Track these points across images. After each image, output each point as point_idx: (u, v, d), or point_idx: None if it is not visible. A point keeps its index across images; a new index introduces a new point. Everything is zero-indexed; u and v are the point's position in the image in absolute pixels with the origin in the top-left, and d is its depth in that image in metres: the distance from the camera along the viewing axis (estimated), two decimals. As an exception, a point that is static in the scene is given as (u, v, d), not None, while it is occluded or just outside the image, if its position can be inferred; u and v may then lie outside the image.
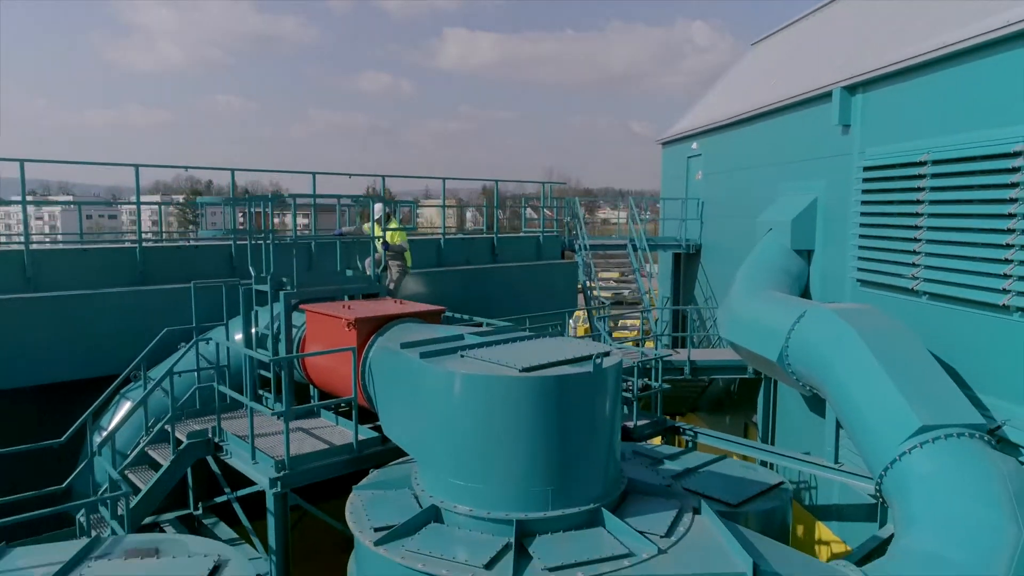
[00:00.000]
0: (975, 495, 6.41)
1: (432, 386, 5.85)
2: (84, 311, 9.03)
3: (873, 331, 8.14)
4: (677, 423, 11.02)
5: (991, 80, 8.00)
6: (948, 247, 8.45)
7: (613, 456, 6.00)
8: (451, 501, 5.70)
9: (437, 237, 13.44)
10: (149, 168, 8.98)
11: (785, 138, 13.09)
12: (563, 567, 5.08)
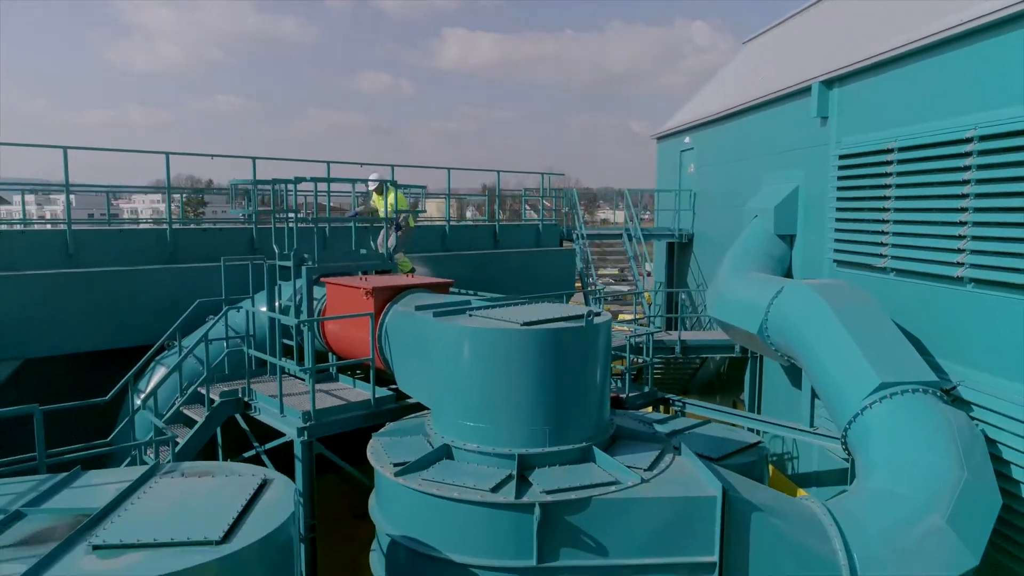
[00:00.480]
0: (926, 442, 7.23)
1: (445, 341, 6.66)
2: (119, 286, 9.84)
3: (841, 302, 8.96)
4: (667, 395, 11.82)
5: (947, 74, 8.80)
6: (911, 226, 9.26)
7: (603, 402, 6.81)
8: (461, 440, 6.51)
9: (442, 224, 14.25)
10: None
11: (769, 131, 13.89)
12: (558, 490, 5.89)
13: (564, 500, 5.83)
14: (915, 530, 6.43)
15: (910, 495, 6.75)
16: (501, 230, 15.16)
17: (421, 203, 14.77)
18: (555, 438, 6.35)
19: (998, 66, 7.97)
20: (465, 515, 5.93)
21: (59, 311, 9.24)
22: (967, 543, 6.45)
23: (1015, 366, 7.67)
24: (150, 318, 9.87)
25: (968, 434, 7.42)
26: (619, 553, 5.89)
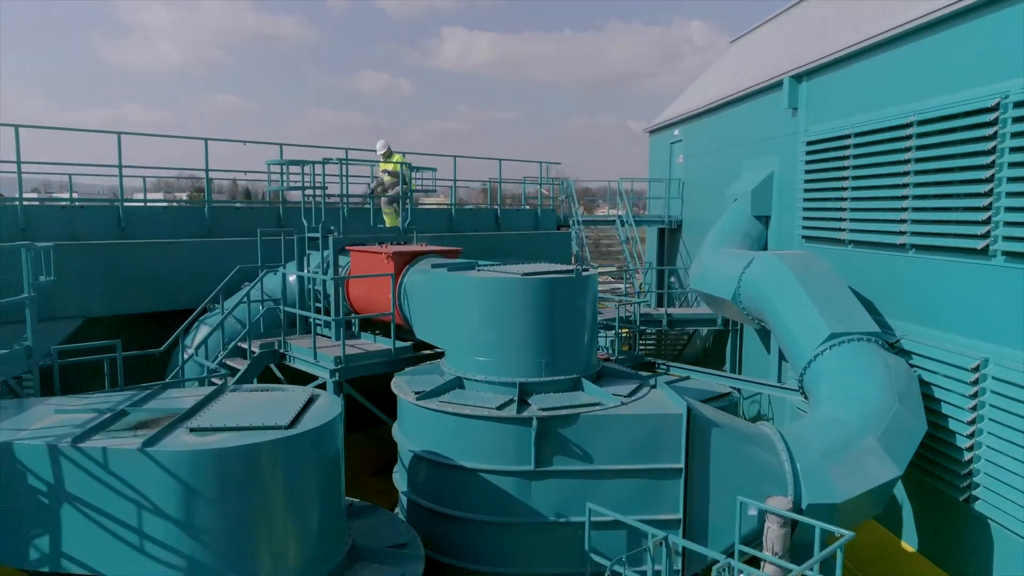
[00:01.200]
0: (867, 380, 8.49)
1: (458, 290, 7.92)
2: (164, 256, 11.08)
3: (800, 268, 10.21)
4: (652, 359, 13.09)
5: (893, 68, 10.04)
6: (864, 203, 10.50)
7: (592, 341, 8.08)
8: (471, 372, 7.77)
9: (448, 207, 15.50)
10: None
11: (748, 122, 15.14)
12: (551, 408, 7.15)
13: (556, 415, 7.09)
14: (851, 447, 7.69)
15: (850, 420, 8.02)
16: (502, 214, 16.41)
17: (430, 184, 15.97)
18: (550, 369, 7.61)
19: (933, 61, 9.21)
20: (475, 429, 7.20)
21: (113, 277, 10.48)
22: (893, 458, 7.73)
23: (948, 319, 8.90)
24: (190, 284, 11.10)
25: (904, 375, 8.68)
26: (602, 460, 7.15)
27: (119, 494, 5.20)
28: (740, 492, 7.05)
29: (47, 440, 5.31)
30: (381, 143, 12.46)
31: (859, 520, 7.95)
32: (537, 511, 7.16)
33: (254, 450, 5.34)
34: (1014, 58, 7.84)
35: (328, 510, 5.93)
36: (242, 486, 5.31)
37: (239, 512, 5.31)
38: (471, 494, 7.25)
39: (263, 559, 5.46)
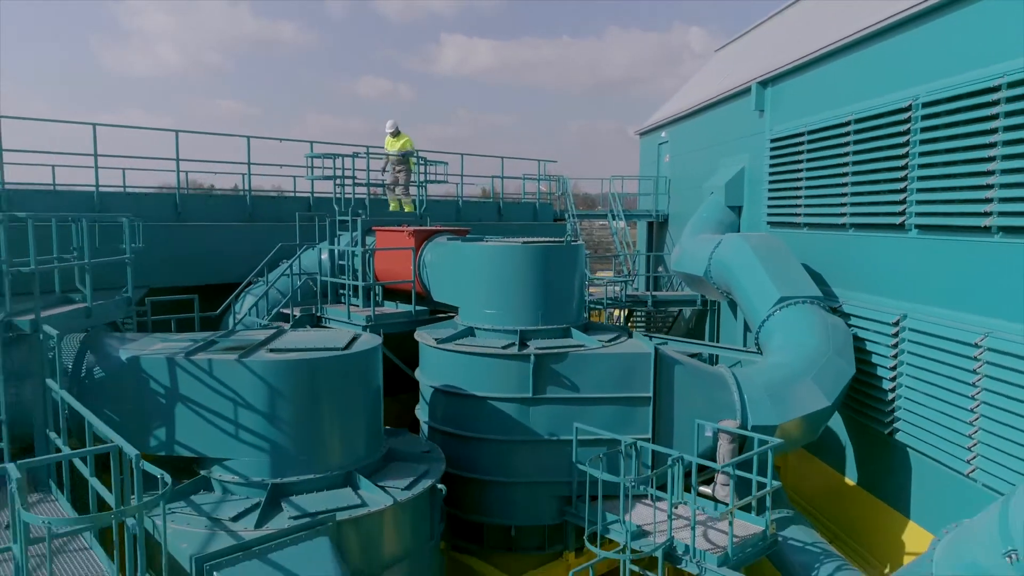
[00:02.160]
0: (807, 333, 10.25)
1: (470, 257, 9.68)
2: (213, 237, 12.85)
3: (758, 245, 11.99)
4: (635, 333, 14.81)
5: (836, 74, 11.83)
6: (815, 191, 12.27)
7: (580, 299, 9.84)
8: (480, 323, 9.53)
9: (456, 199, 17.29)
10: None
11: (724, 123, 16.92)
12: (546, 348, 8.90)
13: (550, 353, 8.85)
14: (790, 384, 9.45)
15: (791, 364, 9.78)
16: (504, 207, 18.19)
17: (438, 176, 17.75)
18: (545, 319, 9.37)
19: (869, 68, 10.99)
20: (484, 365, 8.95)
21: (172, 254, 12.23)
22: (825, 393, 9.49)
23: (876, 284, 10.65)
24: (234, 262, 12.85)
25: (840, 330, 10.45)
26: (586, 390, 8.90)
27: (219, 394, 6.94)
28: (698, 416, 8.82)
29: (165, 355, 7.07)
30: (390, 122, 14.06)
31: (799, 442, 9.74)
32: (534, 431, 8.90)
33: (323, 362, 7.10)
34: (919, 70, 9.63)
35: (371, 415, 7.68)
36: (312, 389, 7.06)
37: (308, 409, 7.05)
38: (480, 418, 9.00)
39: (325, 447, 7.20)
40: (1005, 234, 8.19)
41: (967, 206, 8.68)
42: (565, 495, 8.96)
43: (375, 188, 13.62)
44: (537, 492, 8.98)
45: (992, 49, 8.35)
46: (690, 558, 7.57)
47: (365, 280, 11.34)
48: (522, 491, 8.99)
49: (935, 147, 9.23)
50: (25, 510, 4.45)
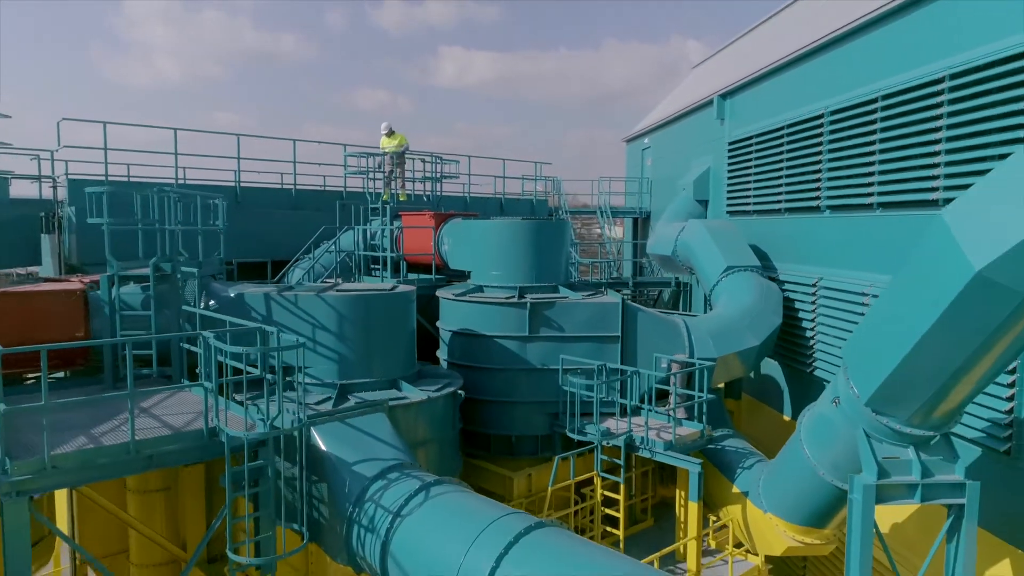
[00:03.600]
0: (746, 292, 12.98)
1: (482, 231, 12.42)
2: (268, 222, 15.57)
3: (713, 227, 14.74)
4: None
5: (775, 90, 14.60)
6: (760, 184, 15.02)
7: (566, 263, 12.57)
8: (487, 282, 12.24)
9: (464, 195, 20.04)
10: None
11: (695, 130, 19.71)
12: (539, 298, 11.62)
13: (542, 302, 11.56)
14: (728, 329, 12.16)
15: (731, 315, 12.50)
16: (505, 202, 20.94)
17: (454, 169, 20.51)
18: (538, 278, 12.09)
19: (794, 84, 13.76)
20: (492, 312, 11.65)
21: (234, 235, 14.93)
22: (755, 336, 12.20)
23: (802, 255, 13.36)
24: (282, 242, 15.59)
25: (773, 291, 13.17)
26: (570, 330, 11.60)
27: (303, 320, 9.64)
28: (655, 351, 11.52)
29: (262, 292, 9.78)
30: (385, 124, 16.71)
31: (737, 373, 12.47)
32: (530, 362, 11.60)
33: (375, 298, 9.83)
34: (827, 87, 12.40)
35: (408, 340, 10.39)
36: (367, 317, 9.76)
37: (365, 331, 9.74)
38: (488, 353, 11.69)
39: (377, 359, 9.88)
40: (883, 209, 10.93)
41: (859, 190, 11.43)
42: (554, 412, 11.64)
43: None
44: (532, 409, 11.67)
45: (872, 71, 11.11)
46: (644, 446, 10.27)
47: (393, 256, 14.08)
48: (520, 409, 11.68)
49: (840, 145, 11.98)
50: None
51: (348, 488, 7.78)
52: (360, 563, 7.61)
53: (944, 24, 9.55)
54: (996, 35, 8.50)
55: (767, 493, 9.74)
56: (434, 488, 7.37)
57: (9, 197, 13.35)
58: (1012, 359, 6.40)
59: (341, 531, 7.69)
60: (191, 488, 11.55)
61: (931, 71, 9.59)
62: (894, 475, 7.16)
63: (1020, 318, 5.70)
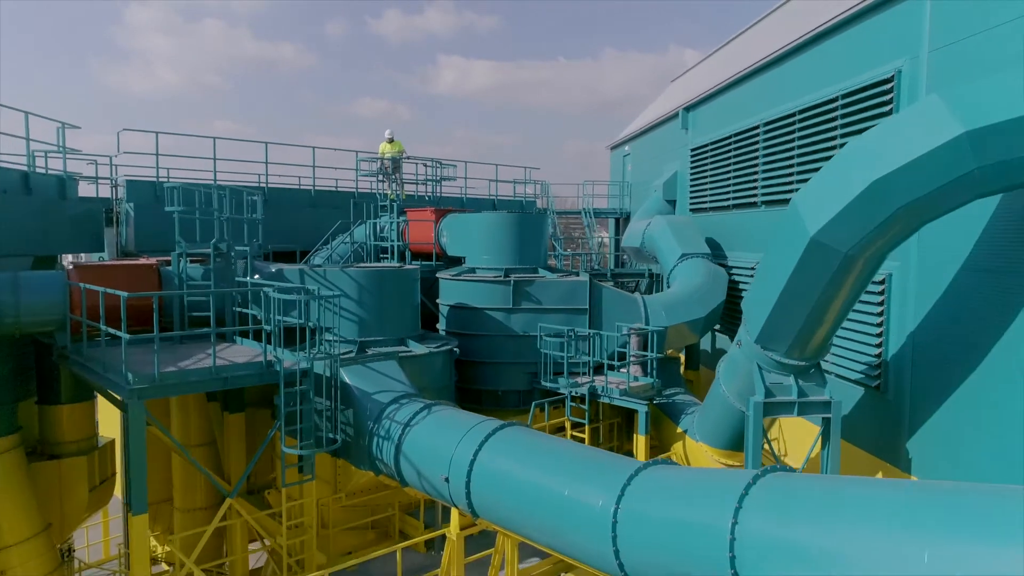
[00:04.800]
0: (696, 274, 15.45)
1: (475, 222, 14.90)
2: (292, 217, 18.05)
3: (672, 221, 17.24)
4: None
5: (725, 106, 17.10)
6: (714, 186, 17.51)
7: (544, 250, 15.05)
8: (479, 264, 14.71)
9: (461, 196, 22.54)
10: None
11: (665, 139, 22.23)
12: (521, 277, 14.09)
13: (523, 280, 14.03)
14: (678, 303, 14.63)
15: (681, 292, 14.98)
16: (499, 202, 23.44)
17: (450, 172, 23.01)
18: (520, 261, 14.56)
19: (737, 100, 16.26)
20: (482, 287, 14.11)
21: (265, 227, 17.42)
22: (700, 308, 14.66)
23: (745, 244, 15.83)
24: (303, 234, 18.06)
25: (720, 274, 15.65)
26: (547, 303, 14.06)
27: (329, 289, 12.09)
28: (617, 321, 13.97)
29: (297, 268, 12.24)
30: (388, 131, 19.22)
31: (687, 340, 14.93)
32: (513, 330, 14.05)
33: (388, 272, 12.30)
34: (761, 104, 14.90)
35: (414, 307, 12.84)
36: (382, 288, 12.21)
37: (379, 299, 12.19)
38: (479, 322, 14.13)
39: (389, 321, 12.32)
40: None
41: (784, 187, 13.90)
42: (533, 371, 14.06)
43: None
44: (515, 369, 14.11)
45: (792, 91, 13.60)
46: (604, 394, 12.72)
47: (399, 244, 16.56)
48: (506, 368, 14.13)
49: (771, 151, 14.47)
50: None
51: (369, 410, 10.23)
52: (379, 466, 10.05)
53: (837, 55, 12.06)
54: (869, 66, 10.99)
55: (699, 427, 12.18)
56: (434, 407, 9.83)
57: (77, 195, 15.81)
58: (852, 303, 8.85)
59: (365, 443, 10.14)
60: (235, 435, 14.01)
61: (828, 92, 12.08)
62: (778, 395, 9.60)
63: (845, 271, 8.16)
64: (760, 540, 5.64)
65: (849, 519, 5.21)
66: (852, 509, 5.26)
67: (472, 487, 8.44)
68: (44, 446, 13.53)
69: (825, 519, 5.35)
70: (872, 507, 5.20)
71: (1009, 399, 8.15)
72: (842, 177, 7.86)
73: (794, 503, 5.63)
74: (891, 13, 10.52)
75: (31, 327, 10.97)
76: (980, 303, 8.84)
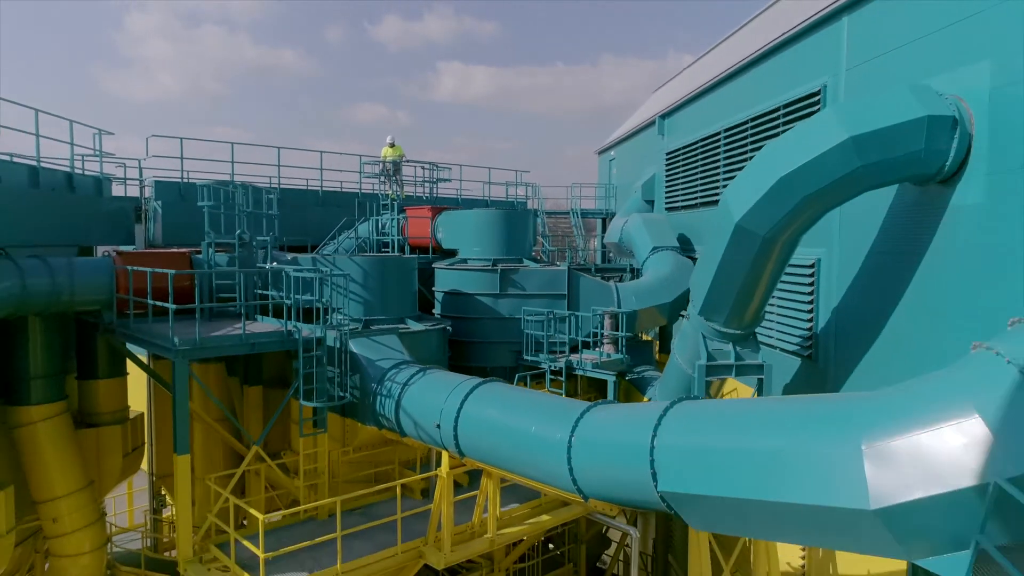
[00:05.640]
0: (665, 265, 17.26)
1: (467, 218, 16.71)
2: (302, 216, 19.86)
3: (646, 218, 19.05)
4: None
5: (693, 115, 18.92)
6: (685, 186, 19.32)
7: (529, 243, 16.85)
8: (471, 255, 16.52)
9: (457, 196, 24.36)
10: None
11: (644, 144, 24.06)
12: (508, 266, 15.89)
13: (509, 268, 15.83)
14: (648, 290, 16.42)
15: (651, 281, 16.78)
16: (491, 202, 25.24)
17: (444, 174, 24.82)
18: (507, 253, 16.36)
19: (703, 109, 18.07)
20: (473, 275, 15.91)
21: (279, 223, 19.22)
22: (668, 295, 16.46)
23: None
24: (313, 229, 19.87)
25: (687, 265, 17.44)
26: (530, 290, 15.85)
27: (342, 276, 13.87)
28: (593, 305, 15.75)
29: (311, 256, 14.03)
30: (390, 137, 21.05)
31: (656, 323, 16.70)
32: (500, 313, 15.83)
33: (389, 259, 14.09)
34: (722, 114, 16.72)
35: (412, 291, 14.63)
36: (384, 273, 13.99)
37: (382, 283, 13.97)
38: (470, 306, 15.92)
39: (390, 303, 14.11)
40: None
41: (739, 187, 15.67)
42: (518, 349, 15.83)
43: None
44: (502, 347, 15.89)
45: (747, 102, 15.41)
46: (579, 367, 14.49)
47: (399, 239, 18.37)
48: (493, 347, 15.90)
49: (731, 154, 16.27)
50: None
51: (373, 374, 12.02)
52: (382, 421, 11.82)
53: (779, 72, 13.89)
54: (802, 81, 12.80)
55: (660, 393, 13.94)
56: (428, 370, 11.62)
57: (111, 194, 17.61)
58: (775, 280, 10.62)
59: (370, 402, 11.92)
60: (253, 405, 15.79)
61: (773, 103, 13.88)
62: (719, 360, 11.37)
63: (766, 252, 9.93)
64: (672, 449, 7.42)
65: (736, 426, 7.00)
66: (738, 418, 7.05)
67: (459, 431, 10.22)
68: (83, 416, 15.33)
69: (719, 428, 7.13)
70: (752, 416, 6.99)
71: (914, 361, 9.92)
72: (759, 174, 9.65)
73: (697, 420, 7.43)
74: (817, 37, 12.34)
75: (83, 305, 12.76)
76: (886, 280, 10.61)
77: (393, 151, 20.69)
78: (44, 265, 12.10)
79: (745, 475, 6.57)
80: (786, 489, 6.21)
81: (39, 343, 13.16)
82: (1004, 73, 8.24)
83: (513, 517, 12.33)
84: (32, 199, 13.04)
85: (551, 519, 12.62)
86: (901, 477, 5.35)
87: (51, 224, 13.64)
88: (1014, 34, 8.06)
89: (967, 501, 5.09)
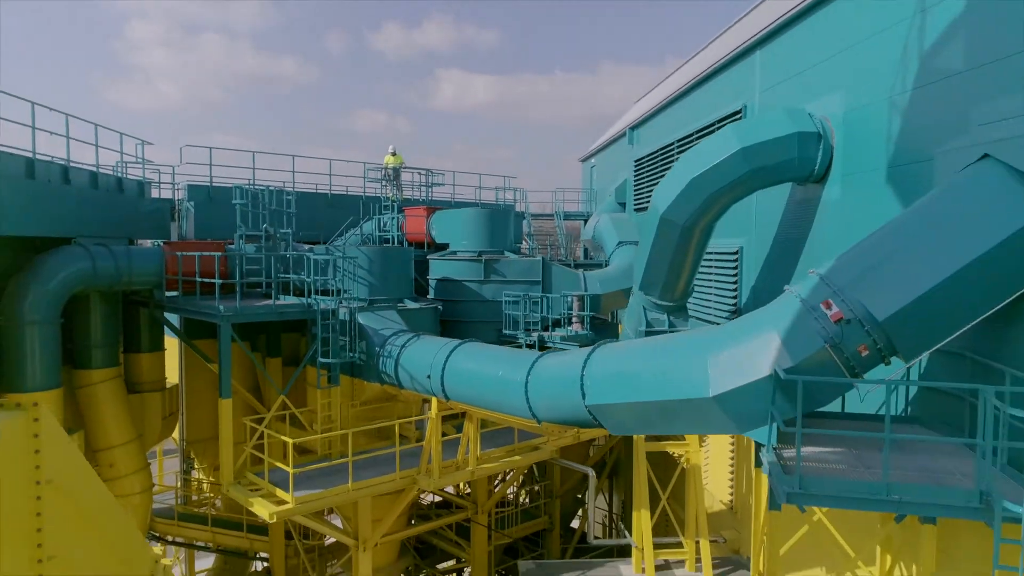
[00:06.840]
0: (627, 255, 20.00)
1: (458, 215, 19.49)
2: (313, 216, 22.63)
3: (613, 217, 21.82)
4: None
5: (659, 127, 21.70)
6: (649, 188, 22.07)
7: (512, 237, 19.62)
8: (460, 247, 19.27)
9: (451, 199, 27.13)
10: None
11: (618, 152, 26.85)
12: (492, 256, 18.65)
13: (492, 259, 18.58)
14: (611, 277, 19.17)
15: (614, 270, 19.53)
16: (482, 205, 28.01)
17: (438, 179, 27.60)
18: (491, 245, 19.11)
19: (663, 122, 20.85)
20: (462, 264, 18.66)
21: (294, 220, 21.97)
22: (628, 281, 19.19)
23: (669, 234, 20.35)
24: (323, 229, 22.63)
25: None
26: (510, 277, 18.60)
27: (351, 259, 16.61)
28: (564, 290, 18.50)
29: (324, 247, 16.80)
30: (392, 146, 23.90)
31: (620, 305, 19.46)
32: (484, 296, 18.56)
33: (389, 249, 16.87)
34: (678, 126, 19.50)
35: (409, 276, 17.38)
36: (385, 260, 16.75)
37: (384, 269, 16.72)
38: (458, 291, 18.66)
39: (390, 285, 16.85)
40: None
41: (688, 189, 18.43)
42: (499, 328, 18.54)
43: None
44: (486, 326, 18.59)
45: (698, 115, 18.19)
46: (549, 341, 17.23)
47: (398, 235, 21.14)
48: (478, 326, 18.60)
49: (680, 162, 19.00)
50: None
51: (376, 340, 14.76)
52: (384, 377, 14.55)
53: (715, 92, 16.68)
54: (730, 100, 15.57)
55: (616, 361, 16.66)
56: (421, 335, 14.37)
57: (151, 195, 20.39)
58: (698, 261, 13.34)
59: (374, 363, 14.65)
60: (274, 374, 18.50)
61: (711, 118, 16.66)
62: (655, 327, 14.10)
63: (686, 238, 12.65)
64: (595, 375, 10.15)
65: (637, 355, 9.74)
66: (638, 349, 9.79)
67: (445, 379, 12.96)
68: (129, 384, 18.07)
69: (626, 357, 9.88)
70: (647, 347, 9.73)
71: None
72: (677, 176, 12.41)
73: (612, 353, 10.18)
74: (739, 67, 15.15)
75: (138, 284, 15.53)
76: (787, 261, 13.35)
77: (394, 159, 23.49)
78: (109, 251, 14.87)
79: (643, 385, 9.32)
80: (668, 391, 8.95)
81: (99, 317, 15.91)
82: (851, 100, 11.03)
83: (491, 457, 15.05)
84: (94, 199, 15.83)
85: (522, 459, 15.34)
86: (727, 374, 8.09)
87: (106, 220, 16.43)
88: (858, 72, 10.84)
89: (765, 386, 7.83)
